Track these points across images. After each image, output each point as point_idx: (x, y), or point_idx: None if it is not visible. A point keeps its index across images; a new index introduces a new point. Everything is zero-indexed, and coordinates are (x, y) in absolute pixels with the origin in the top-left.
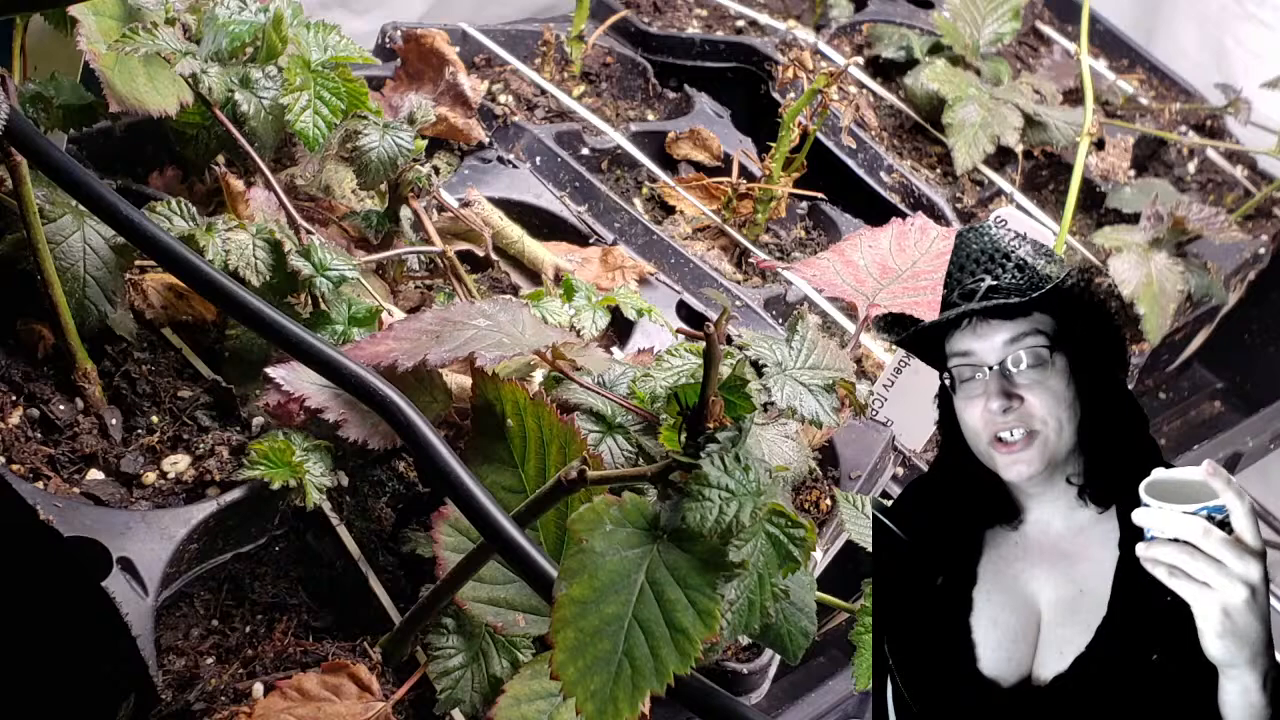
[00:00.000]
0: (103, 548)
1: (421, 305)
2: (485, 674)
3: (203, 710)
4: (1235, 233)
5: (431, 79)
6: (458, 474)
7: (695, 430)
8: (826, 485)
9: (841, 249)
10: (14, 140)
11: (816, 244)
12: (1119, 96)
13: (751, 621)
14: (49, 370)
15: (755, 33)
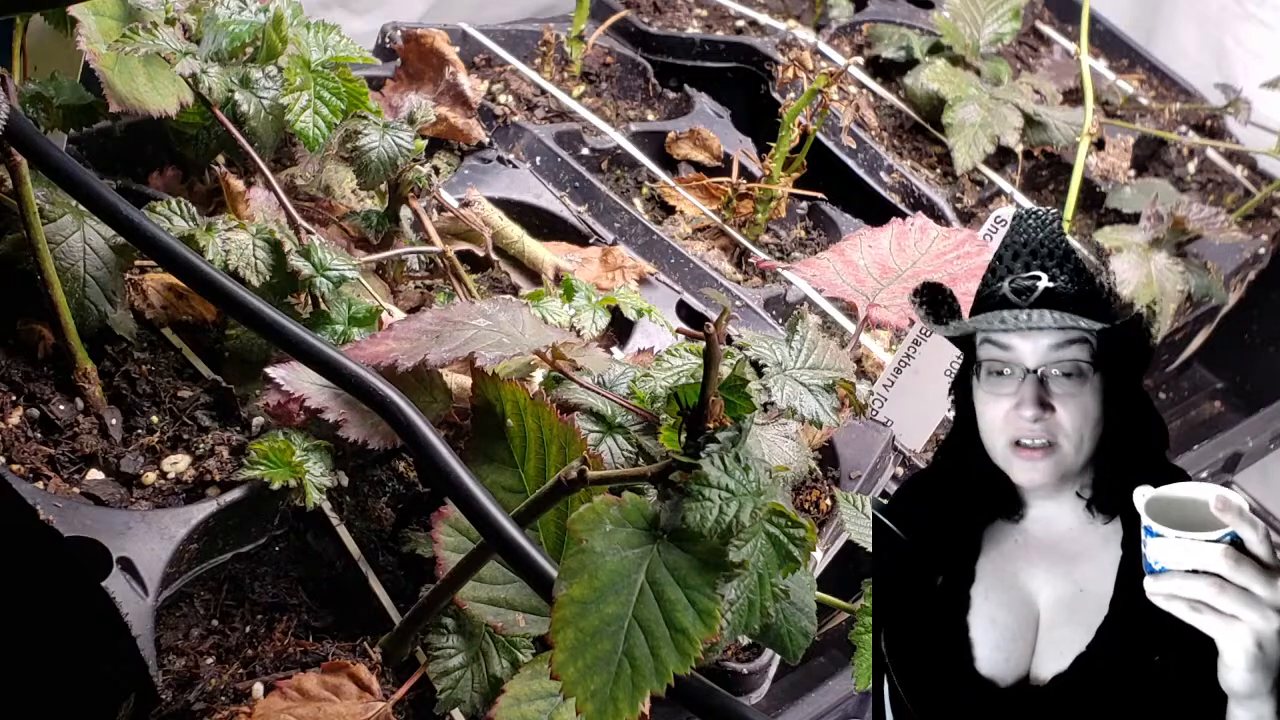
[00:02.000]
0: (103, 548)
1: (421, 305)
2: (485, 674)
3: (203, 710)
4: (1235, 233)
5: (431, 79)
6: (458, 474)
7: (695, 430)
8: (826, 485)
9: (841, 249)
10: (14, 140)
11: (816, 244)
12: (1119, 96)
13: (751, 621)
14: (49, 370)
15: (755, 33)
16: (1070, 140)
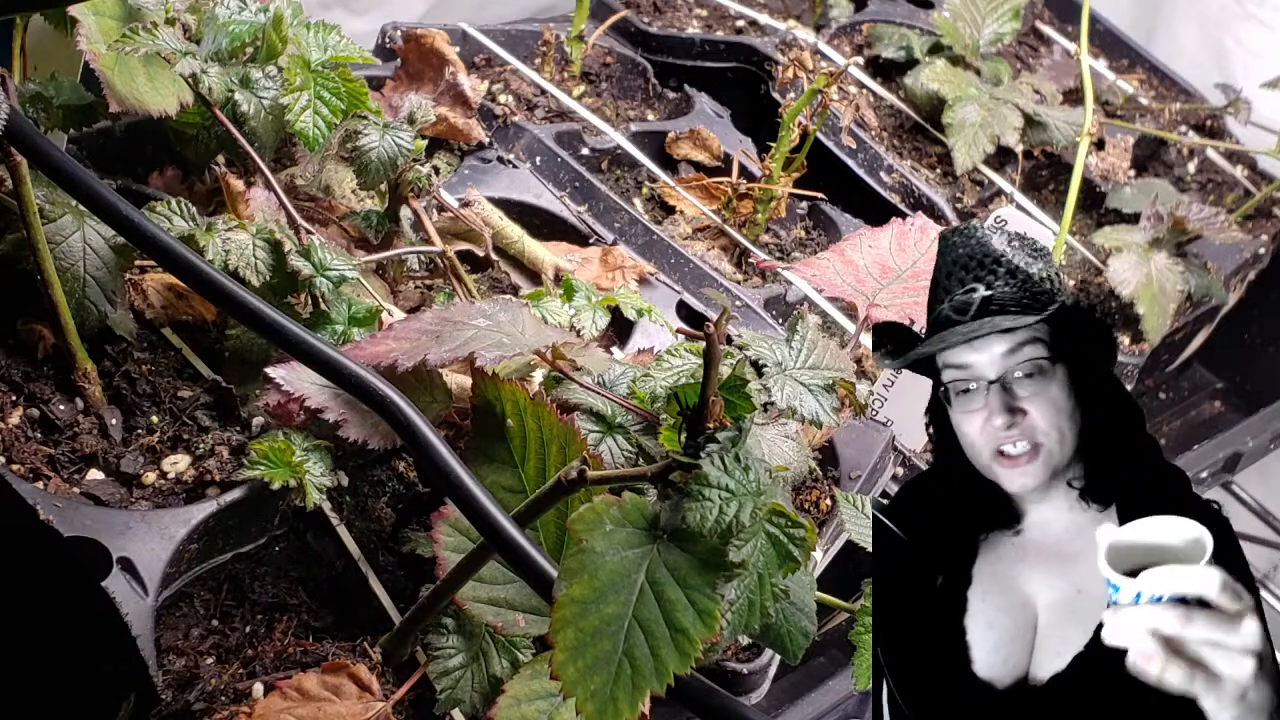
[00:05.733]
0: (103, 548)
1: (421, 305)
2: (485, 674)
3: (203, 710)
4: (1235, 233)
5: (431, 79)
6: (458, 474)
7: (695, 430)
8: (826, 485)
9: (841, 249)
10: (14, 140)
11: (816, 244)
12: (1119, 96)
13: (751, 621)
14: (49, 370)
15: (755, 33)
16: (1070, 140)
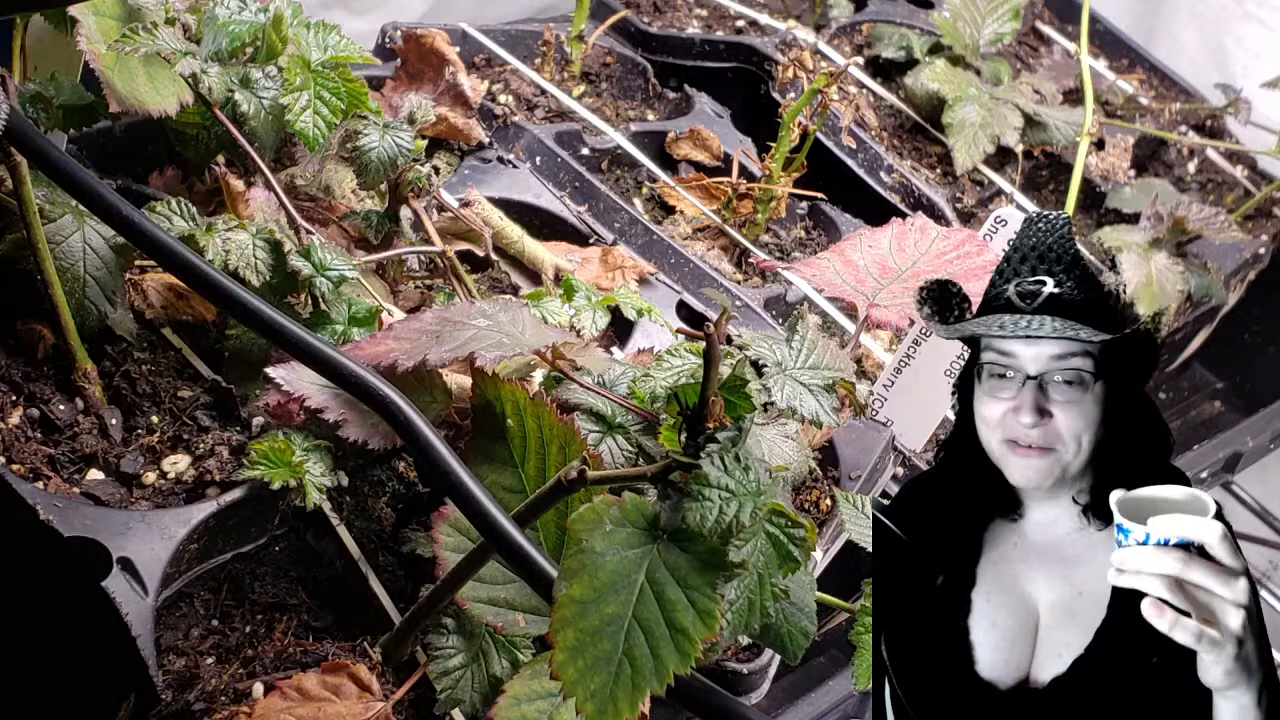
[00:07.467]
0: (103, 548)
1: (421, 305)
2: (485, 674)
3: (203, 710)
4: (1235, 233)
5: (431, 79)
6: (458, 474)
7: (695, 430)
8: (826, 485)
9: (841, 249)
10: (14, 140)
11: (816, 244)
12: (1119, 96)
13: (751, 621)
14: (49, 370)
15: (755, 33)
16: (1070, 140)
